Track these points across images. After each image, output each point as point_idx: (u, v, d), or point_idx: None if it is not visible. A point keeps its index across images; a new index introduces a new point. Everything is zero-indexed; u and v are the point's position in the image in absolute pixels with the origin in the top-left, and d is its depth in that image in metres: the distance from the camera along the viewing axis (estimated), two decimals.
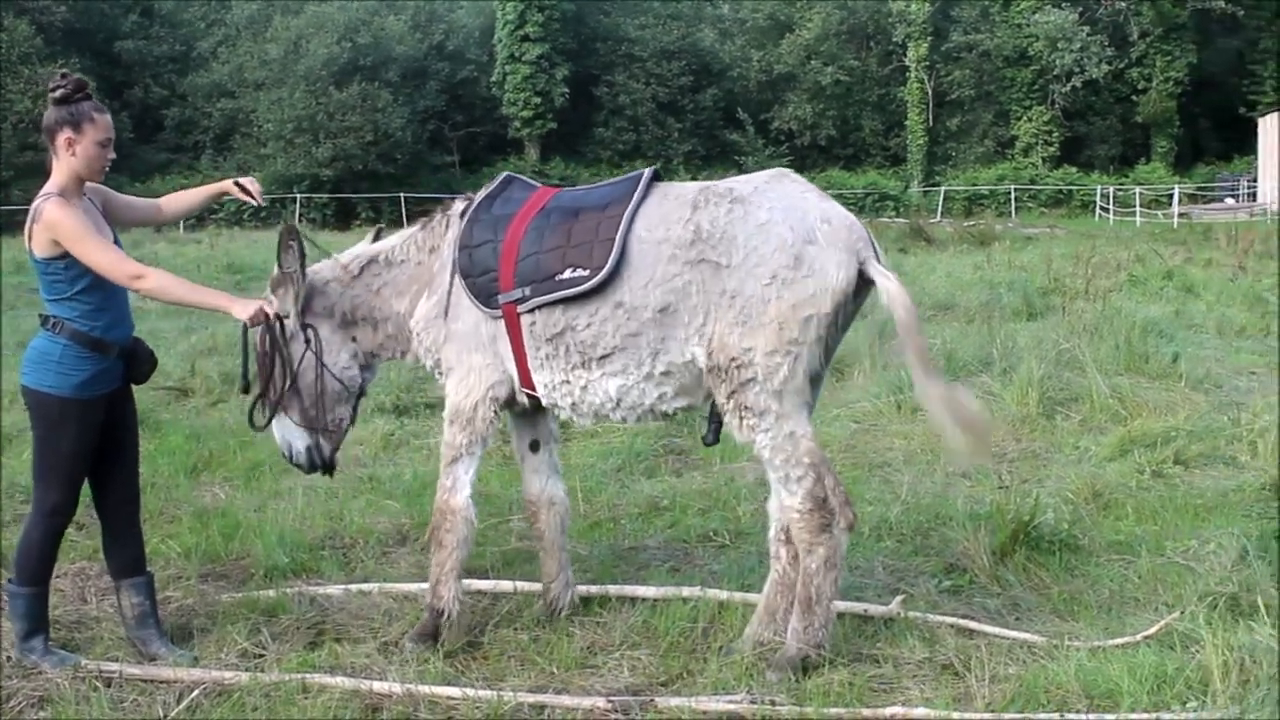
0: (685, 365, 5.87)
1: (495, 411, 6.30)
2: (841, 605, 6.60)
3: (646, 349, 5.87)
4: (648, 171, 6.15)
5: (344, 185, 62.13)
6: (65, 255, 5.76)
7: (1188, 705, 5.19)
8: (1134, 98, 68.17)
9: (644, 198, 5.96)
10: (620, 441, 10.33)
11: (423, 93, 66.86)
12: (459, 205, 6.50)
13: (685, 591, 6.77)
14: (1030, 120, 68.81)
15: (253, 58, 66.00)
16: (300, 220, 54.68)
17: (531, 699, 5.51)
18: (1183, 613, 6.14)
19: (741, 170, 65.06)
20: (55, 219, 5.70)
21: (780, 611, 6.13)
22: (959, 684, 5.70)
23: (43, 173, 6.08)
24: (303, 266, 6.34)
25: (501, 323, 6.12)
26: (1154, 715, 5.13)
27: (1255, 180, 62.83)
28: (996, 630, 6.34)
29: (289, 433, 6.53)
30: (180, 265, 28.03)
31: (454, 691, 5.57)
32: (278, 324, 6.28)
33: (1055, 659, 5.77)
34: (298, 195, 59.72)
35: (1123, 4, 65.74)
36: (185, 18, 72.05)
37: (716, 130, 71.71)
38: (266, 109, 63.48)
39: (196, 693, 5.60)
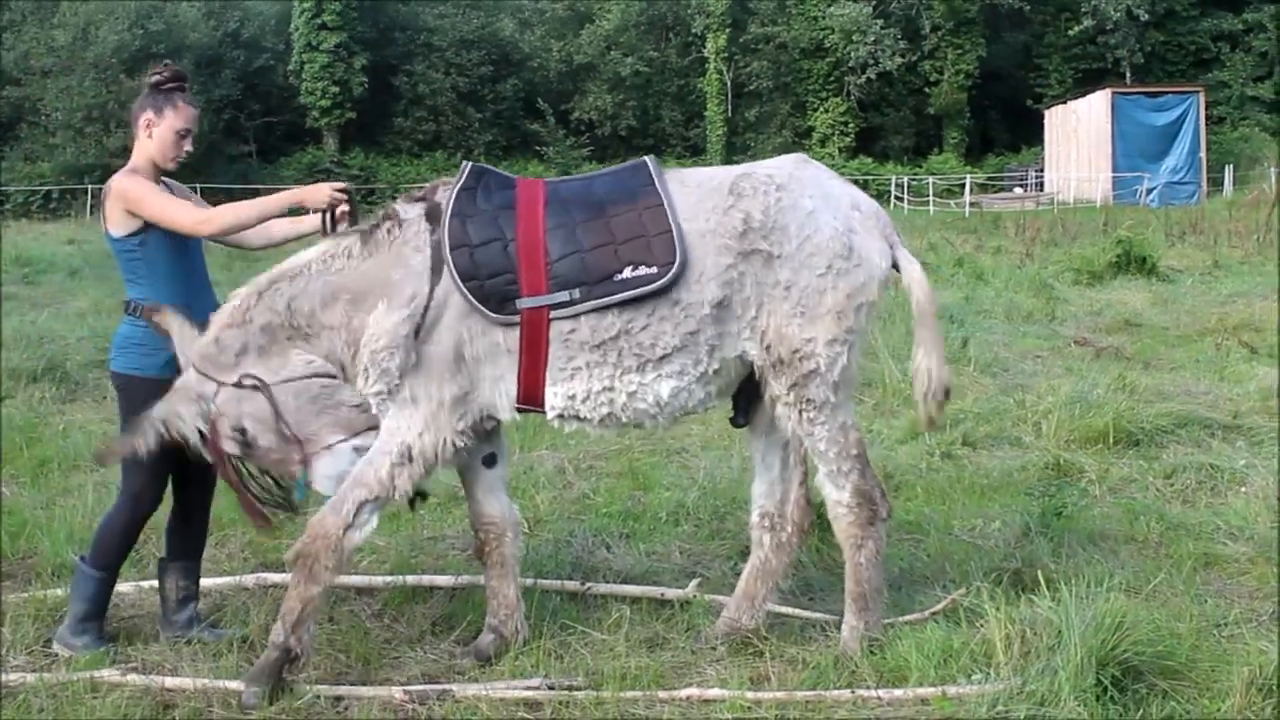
0: (734, 361, 5.75)
1: (459, 451, 5.70)
2: (637, 590, 6.69)
3: (705, 346, 5.63)
4: (651, 159, 5.90)
5: None
6: (139, 232, 5.78)
7: (973, 678, 5.32)
8: (926, 90, 69.64)
9: (667, 186, 5.70)
10: None
11: (218, 81, 65.50)
12: (411, 208, 5.73)
13: (482, 581, 6.75)
14: (827, 111, 70.02)
15: (39, 44, 63.79)
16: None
17: (329, 691, 5.45)
18: (968, 589, 6.30)
19: (543, 160, 65.14)
20: (122, 186, 5.77)
21: (759, 598, 6.12)
22: (755, 664, 5.78)
23: None
24: None
25: (504, 333, 5.56)
26: (940, 689, 5.27)
27: (1042, 170, 64.67)
28: (791, 610, 6.44)
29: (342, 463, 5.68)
30: None
31: None
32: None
33: (843, 638, 5.87)
34: (89, 186, 58.01)
35: None
36: None
37: (517, 120, 71.49)
38: (55, 97, 61.60)
39: None
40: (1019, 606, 5.61)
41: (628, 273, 5.50)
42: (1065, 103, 63.43)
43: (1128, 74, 66.56)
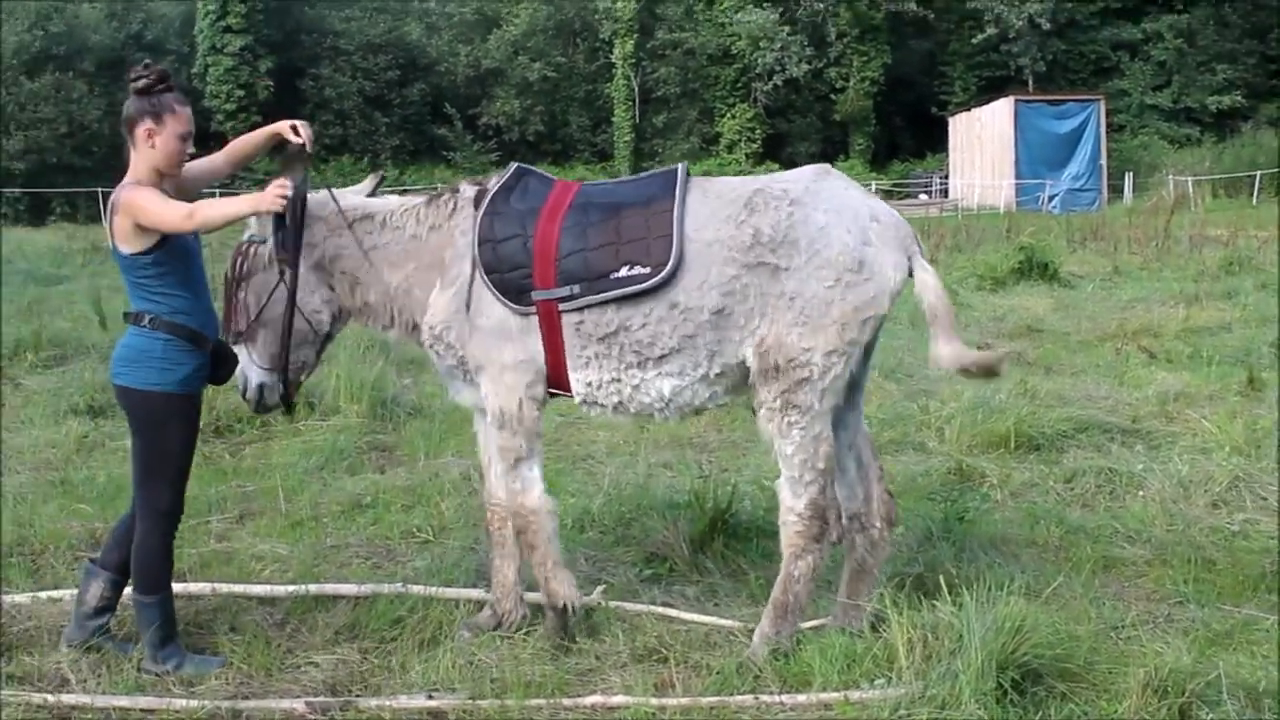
0: (737, 365, 5.87)
1: (539, 407, 6.13)
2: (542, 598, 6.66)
3: (704, 350, 5.83)
4: (682, 167, 6.05)
5: (38, 179, 59.85)
6: (154, 249, 5.65)
7: (875, 682, 5.37)
8: (832, 96, 70.06)
9: (685, 194, 5.86)
10: (323, 439, 10.17)
11: (120, 84, 64.31)
12: (469, 190, 6.25)
13: (386, 589, 6.72)
14: (734, 117, 70.27)
15: None
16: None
17: (228, 704, 5.40)
18: (872, 594, 6.34)
19: (450, 165, 64.90)
20: (129, 198, 5.58)
21: (863, 597, 6.19)
22: (659, 671, 5.79)
23: None
24: (304, 196, 6.01)
25: (533, 319, 5.94)
26: (843, 694, 5.30)
27: (947, 177, 65.23)
28: (695, 617, 6.47)
29: (246, 366, 6.25)
30: None
31: (147, 701, 5.42)
32: (252, 249, 6.19)
33: (751, 643, 5.89)
34: None
35: (821, 5, 67.41)
36: None
37: (424, 125, 71.27)
38: None
39: None
40: (921, 611, 5.64)
41: (623, 271, 5.78)
42: (969, 110, 64.01)
43: (1030, 82, 67.31)
